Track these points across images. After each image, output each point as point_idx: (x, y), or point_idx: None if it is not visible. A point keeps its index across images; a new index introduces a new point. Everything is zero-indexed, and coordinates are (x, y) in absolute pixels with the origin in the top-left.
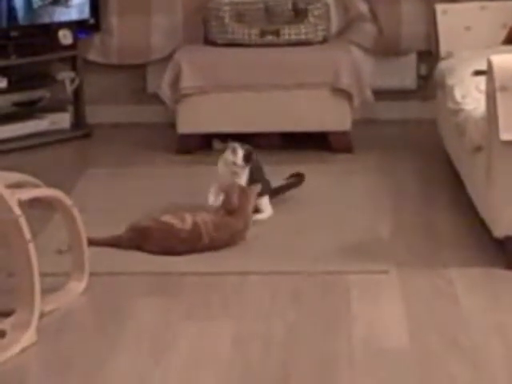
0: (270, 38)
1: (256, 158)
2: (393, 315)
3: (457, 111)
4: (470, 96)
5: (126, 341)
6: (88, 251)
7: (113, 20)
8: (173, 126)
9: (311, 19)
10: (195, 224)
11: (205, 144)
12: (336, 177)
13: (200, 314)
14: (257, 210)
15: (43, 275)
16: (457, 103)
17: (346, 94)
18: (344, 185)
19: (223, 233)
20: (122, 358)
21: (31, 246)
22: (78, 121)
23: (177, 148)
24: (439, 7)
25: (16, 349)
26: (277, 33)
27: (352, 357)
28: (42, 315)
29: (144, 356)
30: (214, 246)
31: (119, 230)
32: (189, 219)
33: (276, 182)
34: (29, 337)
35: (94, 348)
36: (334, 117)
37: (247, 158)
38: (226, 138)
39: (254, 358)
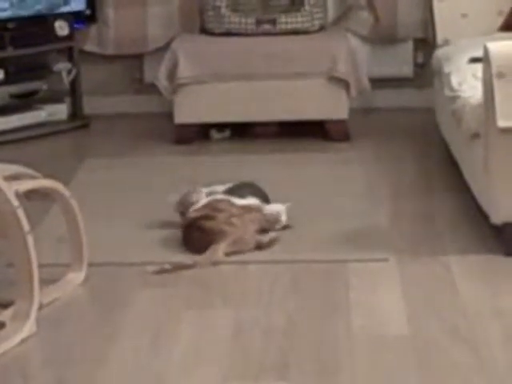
0: (266, 27)
1: None
2: (392, 303)
3: (454, 98)
4: (466, 83)
5: (125, 331)
6: (86, 242)
7: (109, 10)
8: (170, 116)
9: (307, 8)
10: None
11: (203, 134)
12: (333, 165)
13: (200, 304)
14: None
15: (42, 266)
16: (454, 90)
17: (343, 83)
18: (341, 173)
19: None
20: (122, 348)
21: (29, 237)
22: (76, 112)
23: (175, 138)
24: None
25: (16, 340)
26: (273, 22)
27: (352, 344)
28: (41, 306)
29: (144, 346)
30: None
31: (117, 220)
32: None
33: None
34: (28, 328)
35: (93, 338)
36: (331, 105)
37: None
38: (224, 127)
39: (254, 347)
